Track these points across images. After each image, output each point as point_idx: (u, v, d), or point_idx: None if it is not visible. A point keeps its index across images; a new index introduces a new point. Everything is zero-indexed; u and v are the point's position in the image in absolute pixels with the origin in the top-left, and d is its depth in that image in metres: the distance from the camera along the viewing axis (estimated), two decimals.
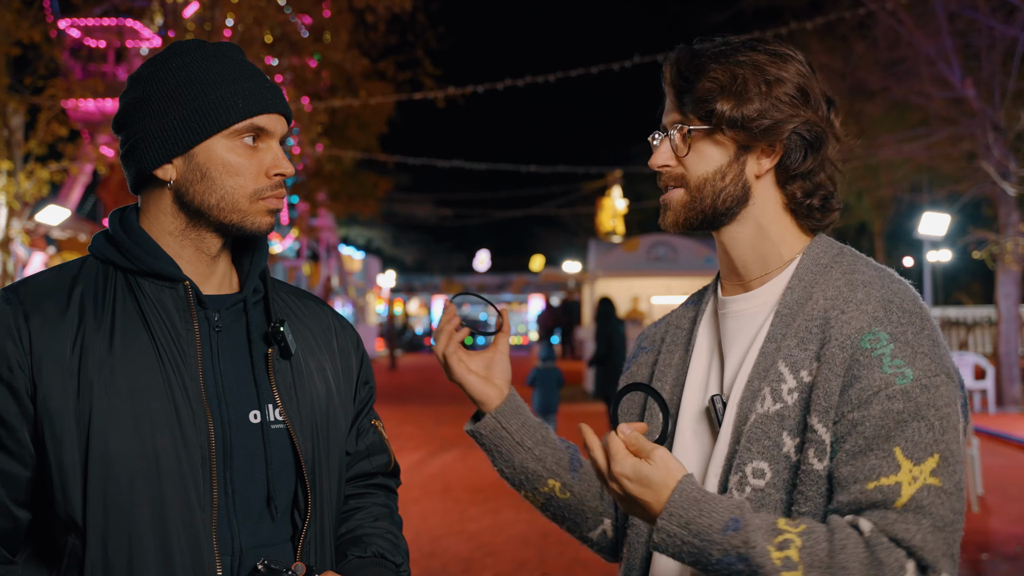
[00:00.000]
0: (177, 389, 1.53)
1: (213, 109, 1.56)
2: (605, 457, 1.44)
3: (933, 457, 1.37)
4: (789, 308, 1.54)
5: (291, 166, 1.62)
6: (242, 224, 1.60)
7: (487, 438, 1.74)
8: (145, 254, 1.59)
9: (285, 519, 1.62)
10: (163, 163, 1.59)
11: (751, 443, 1.48)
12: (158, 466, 1.50)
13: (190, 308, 1.59)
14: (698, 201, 1.58)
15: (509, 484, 1.79)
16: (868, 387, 1.40)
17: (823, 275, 1.54)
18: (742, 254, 1.61)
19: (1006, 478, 10.16)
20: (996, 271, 17.07)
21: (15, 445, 1.51)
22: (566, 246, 46.04)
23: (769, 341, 1.53)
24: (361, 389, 1.82)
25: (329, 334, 1.78)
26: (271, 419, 1.60)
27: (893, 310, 1.45)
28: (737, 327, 1.61)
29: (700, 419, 1.62)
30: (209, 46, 1.63)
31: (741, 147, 1.55)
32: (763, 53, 1.55)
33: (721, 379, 1.61)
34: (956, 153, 17.55)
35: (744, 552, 1.34)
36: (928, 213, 15.97)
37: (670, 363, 1.71)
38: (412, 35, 17.93)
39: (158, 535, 1.49)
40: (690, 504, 1.38)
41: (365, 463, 1.82)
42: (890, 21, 16.35)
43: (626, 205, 37.31)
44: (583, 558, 6.92)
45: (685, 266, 19.78)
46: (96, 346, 1.52)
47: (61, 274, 1.61)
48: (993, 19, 15.74)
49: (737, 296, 1.63)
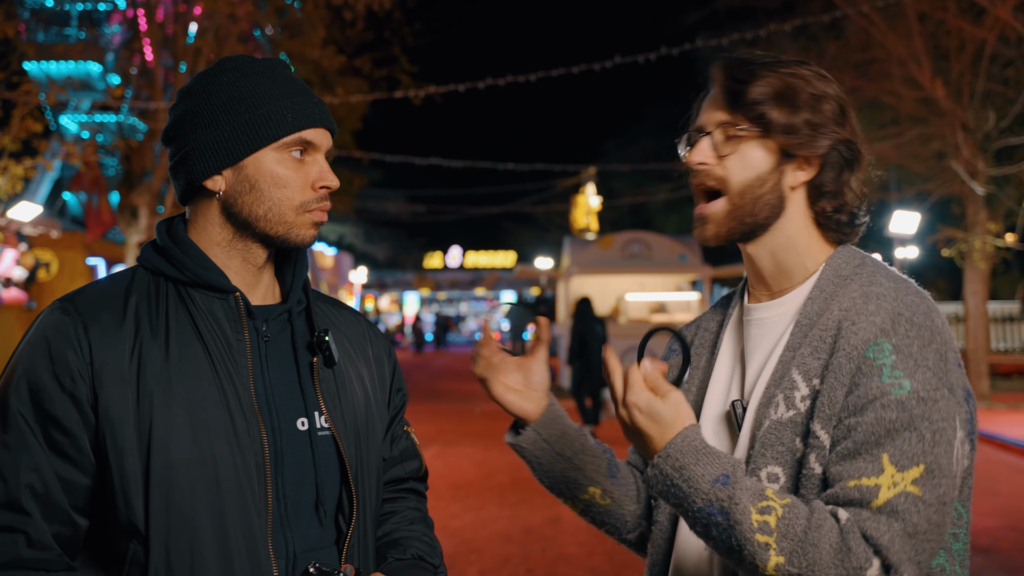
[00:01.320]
0: (231, 398, 1.57)
1: (264, 122, 1.60)
2: (623, 385, 1.48)
3: (918, 467, 1.40)
4: (808, 318, 1.58)
5: (336, 180, 1.65)
6: (287, 236, 1.64)
7: (528, 451, 1.75)
8: (196, 265, 1.62)
9: (331, 523, 1.66)
10: (213, 174, 1.62)
11: (765, 448, 1.54)
12: (216, 474, 1.53)
13: (241, 318, 1.62)
14: (739, 209, 1.59)
15: (548, 491, 1.82)
16: (865, 395, 1.45)
17: (842, 287, 1.58)
18: (769, 265, 1.65)
19: (977, 472, 10.25)
20: (964, 269, 17.34)
21: (77, 453, 1.53)
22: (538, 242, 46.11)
23: (787, 350, 1.58)
24: (395, 396, 1.86)
25: (364, 342, 1.82)
26: (318, 426, 1.64)
27: (901, 323, 1.48)
28: (760, 334, 1.66)
29: (721, 422, 1.67)
30: (259, 61, 1.67)
31: (784, 155, 1.58)
32: (808, 70, 1.60)
33: (742, 384, 1.66)
34: (926, 152, 17.78)
35: (727, 507, 1.40)
36: (899, 211, 16.17)
37: (697, 366, 1.76)
38: (388, 32, 17.91)
39: (218, 541, 1.52)
40: (688, 451, 1.43)
41: (399, 468, 1.86)
42: (862, 22, 16.53)
43: (600, 202, 37.43)
44: (566, 554, 6.99)
45: (659, 263, 19.90)
46: (153, 356, 1.55)
47: (115, 284, 1.64)
48: (962, 21, 15.96)
49: (762, 304, 1.67)
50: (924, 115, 17.17)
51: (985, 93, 16.78)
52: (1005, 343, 23.09)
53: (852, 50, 17.75)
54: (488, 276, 48.09)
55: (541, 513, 8.35)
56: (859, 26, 17.00)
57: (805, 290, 1.63)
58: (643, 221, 38.53)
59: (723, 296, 1.84)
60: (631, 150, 39.43)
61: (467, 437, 13.22)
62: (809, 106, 1.56)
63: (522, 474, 10.22)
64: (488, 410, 16.24)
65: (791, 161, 1.59)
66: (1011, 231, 18.91)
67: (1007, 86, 17.08)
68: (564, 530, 7.75)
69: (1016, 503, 8.56)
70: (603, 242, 20.45)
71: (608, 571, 6.55)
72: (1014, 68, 16.85)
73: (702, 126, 1.63)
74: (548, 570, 6.62)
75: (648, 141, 38.94)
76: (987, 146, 16.83)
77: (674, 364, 1.83)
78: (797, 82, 1.57)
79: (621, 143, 42.47)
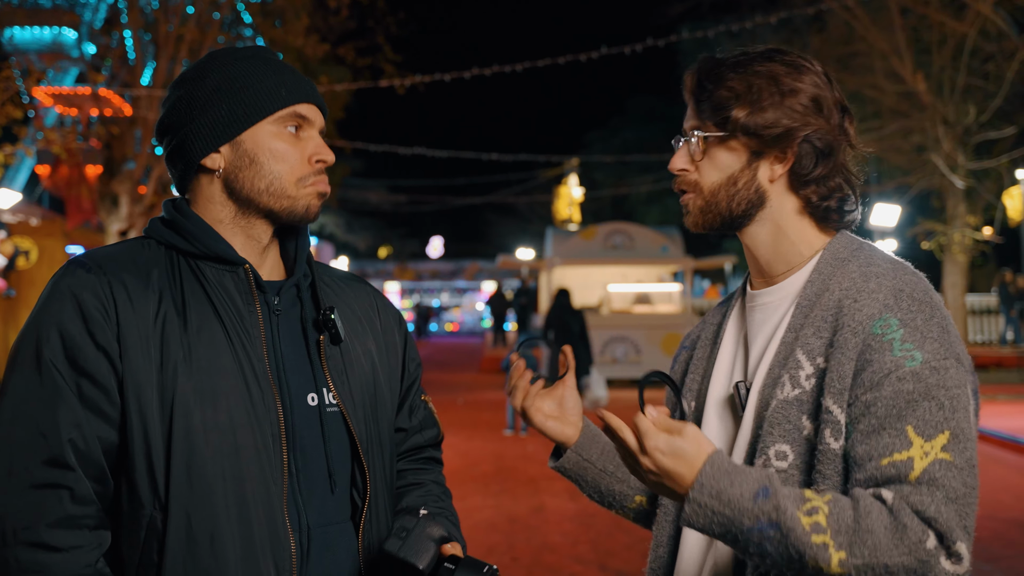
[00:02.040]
0: (247, 368, 1.58)
1: (259, 97, 1.63)
2: (635, 436, 1.49)
3: (943, 434, 1.44)
4: (808, 300, 1.62)
5: (332, 155, 1.67)
6: (292, 209, 1.65)
7: (572, 471, 1.84)
8: (207, 237, 1.63)
9: (345, 498, 1.67)
10: (211, 151, 1.63)
11: (773, 427, 1.57)
12: (235, 442, 1.54)
13: (251, 291, 1.64)
14: (713, 205, 1.66)
15: (600, 505, 1.90)
16: (879, 370, 1.48)
17: (840, 268, 1.62)
18: (764, 252, 1.70)
19: None
20: (943, 261, 17.51)
21: (111, 409, 1.53)
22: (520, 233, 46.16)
23: (789, 331, 1.62)
24: (409, 365, 1.87)
25: (372, 314, 1.83)
26: (327, 402, 1.66)
27: (903, 298, 1.53)
28: (762, 318, 1.70)
29: (725, 405, 1.71)
30: (246, 48, 1.71)
31: (754, 153, 1.63)
32: (780, 64, 1.63)
33: (745, 367, 1.70)
34: (906, 146, 17.94)
35: (776, 518, 1.40)
36: (879, 204, 16.29)
37: (702, 357, 1.80)
38: (372, 20, 17.85)
39: (238, 507, 1.53)
40: (721, 475, 1.43)
41: (418, 436, 1.89)
42: (845, 15, 16.62)
43: (583, 193, 37.48)
44: (551, 543, 7.03)
45: (642, 254, 19.95)
46: (174, 324, 1.57)
47: (130, 251, 1.64)
48: (944, 15, 16.07)
49: (763, 290, 1.71)
50: (905, 109, 17.31)
51: (966, 87, 16.92)
52: (983, 335, 23.33)
53: (834, 43, 17.86)
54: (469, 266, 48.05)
55: (525, 502, 8.39)
56: (842, 19, 17.10)
57: (804, 274, 1.67)
58: (625, 212, 38.61)
59: (730, 293, 1.89)
60: (613, 141, 39.53)
61: (450, 427, 13.23)
62: (774, 104, 1.59)
63: (505, 464, 10.27)
64: (471, 400, 16.27)
65: (763, 157, 1.63)
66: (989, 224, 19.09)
67: (987, 80, 17.23)
68: (548, 519, 7.78)
69: (994, 493, 8.66)
70: (585, 233, 20.48)
71: (593, 559, 6.59)
72: (994, 63, 17.00)
73: (684, 130, 1.70)
74: (533, 559, 6.65)
75: (630, 133, 39.06)
76: (967, 140, 16.98)
77: (682, 360, 1.87)
78: (761, 81, 1.61)
79: (604, 134, 42.55)
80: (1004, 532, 7.25)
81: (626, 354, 18.24)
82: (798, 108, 1.60)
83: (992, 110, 16.31)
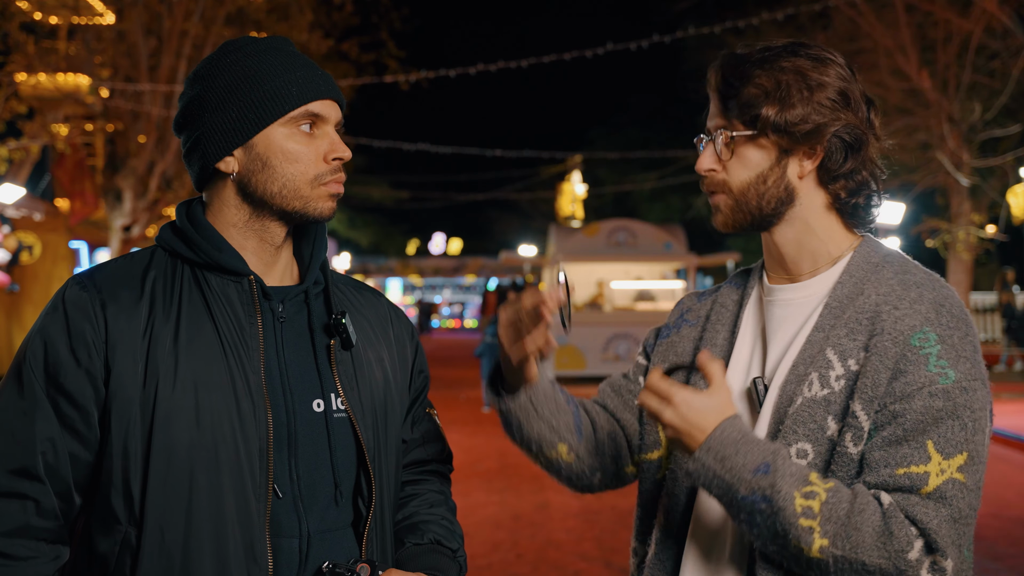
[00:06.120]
0: (239, 383, 1.57)
1: (268, 99, 1.59)
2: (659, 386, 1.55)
3: (962, 455, 1.48)
4: (839, 301, 1.61)
5: (348, 151, 1.64)
6: (305, 210, 1.63)
7: (514, 414, 1.76)
8: (212, 247, 1.61)
9: (348, 505, 1.65)
10: (224, 155, 1.62)
11: (797, 425, 1.56)
12: (217, 457, 1.53)
13: (254, 302, 1.62)
14: (743, 204, 1.65)
15: (516, 444, 1.82)
16: (913, 382, 1.50)
17: (875, 273, 1.62)
18: (791, 250, 1.68)
19: None
20: (948, 259, 17.49)
21: (86, 430, 1.54)
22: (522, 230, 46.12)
23: (817, 330, 1.61)
24: (416, 378, 1.85)
25: (385, 324, 1.81)
26: (334, 408, 1.64)
27: (944, 313, 1.54)
28: (784, 315, 1.68)
29: (741, 399, 1.69)
30: (260, 41, 1.66)
31: (783, 151, 1.61)
32: (805, 58, 1.61)
33: (763, 362, 1.68)
34: (911, 143, 17.90)
35: (769, 494, 1.46)
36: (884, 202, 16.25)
37: (715, 342, 1.76)
38: (376, 16, 17.83)
39: (213, 524, 1.52)
40: (729, 443, 1.50)
41: (420, 451, 1.86)
42: (850, 12, 16.59)
43: (585, 190, 37.45)
44: (555, 539, 7.02)
45: (645, 251, 19.93)
46: (164, 336, 1.56)
47: (134, 263, 1.64)
48: (949, 12, 16.04)
49: (785, 286, 1.69)
50: (910, 106, 17.28)
51: (971, 85, 16.89)
52: (985, 333, 23.29)
53: (840, 40, 17.81)
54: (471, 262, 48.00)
55: (529, 499, 8.38)
56: (847, 16, 17.06)
57: (834, 274, 1.65)
58: (628, 209, 38.55)
59: (737, 273, 1.86)
60: (616, 138, 39.43)
61: (453, 424, 13.22)
62: (803, 99, 1.58)
63: (509, 460, 10.25)
64: (473, 397, 16.25)
65: (793, 154, 1.62)
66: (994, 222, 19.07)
67: (993, 78, 17.20)
68: (553, 516, 7.78)
69: (999, 491, 8.64)
70: (588, 230, 20.46)
71: (597, 556, 6.58)
72: (1000, 60, 16.97)
73: (708, 129, 1.68)
74: (537, 555, 6.65)
75: (634, 129, 38.98)
76: (972, 137, 16.96)
77: (687, 335, 1.82)
78: (789, 77, 1.59)
79: (607, 131, 42.43)
80: (1010, 530, 7.25)
81: (629, 351, 18.22)
82: (826, 103, 1.59)
83: (997, 108, 16.29)
